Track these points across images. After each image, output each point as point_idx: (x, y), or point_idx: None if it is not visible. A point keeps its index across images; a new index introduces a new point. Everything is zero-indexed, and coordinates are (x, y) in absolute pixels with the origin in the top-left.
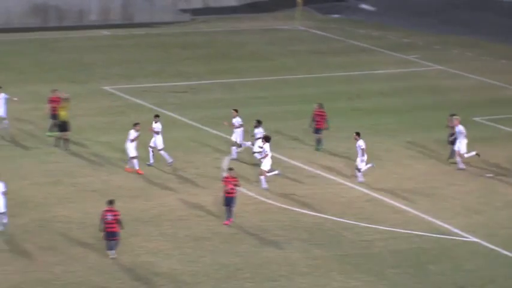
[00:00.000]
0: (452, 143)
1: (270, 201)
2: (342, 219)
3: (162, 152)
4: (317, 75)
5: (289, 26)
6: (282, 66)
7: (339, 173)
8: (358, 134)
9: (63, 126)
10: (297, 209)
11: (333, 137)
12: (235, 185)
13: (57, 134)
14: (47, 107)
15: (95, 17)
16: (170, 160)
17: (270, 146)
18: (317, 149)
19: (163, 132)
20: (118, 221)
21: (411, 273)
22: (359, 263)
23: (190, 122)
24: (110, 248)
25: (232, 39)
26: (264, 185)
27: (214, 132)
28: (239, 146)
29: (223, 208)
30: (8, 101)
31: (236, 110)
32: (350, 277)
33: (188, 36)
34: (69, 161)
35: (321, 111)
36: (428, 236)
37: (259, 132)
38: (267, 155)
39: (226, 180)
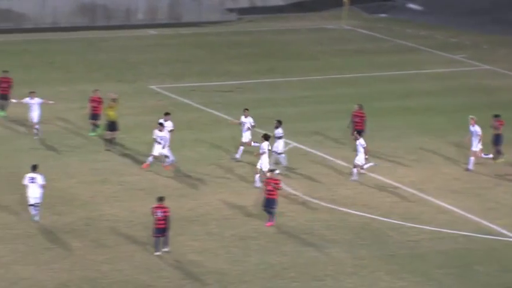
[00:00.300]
0: (496, 143)
1: (316, 201)
2: (388, 219)
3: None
4: (364, 74)
5: (335, 26)
6: (328, 66)
7: (384, 173)
8: (359, 133)
9: (111, 126)
10: (343, 209)
11: (379, 137)
12: (275, 187)
13: (102, 133)
14: (89, 107)
15: (142, 16)
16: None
17: (269, 144)
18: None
19: (208, 132)
20: (167, 218)
21: (457, 273)
22: (405, 263)
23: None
24: (158, 245)
25: (279, 38)
26: (258, 184)
27: (260, 131)
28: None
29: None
30: (42, 106)
31: (247, 109)
32: (396, 277)
33: (235, 35)
34: (117, 160)
35: (361, 113)
36: (475, 237)
37: (280, 132)
38: (264, 153)
39: (267, 181)
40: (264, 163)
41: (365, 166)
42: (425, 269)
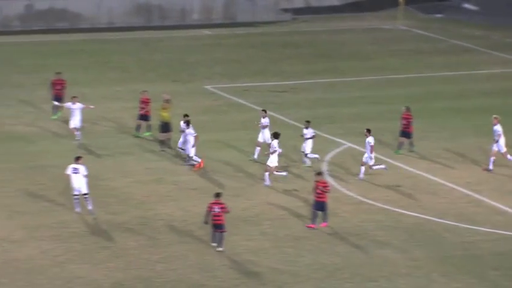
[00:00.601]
0: None
1: (370, 202)
2: (442, 220)
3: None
4: (419, 75)
5: (391, 26)
6: (383, 66)
7: (439, 174)
8: (368, 130)
9: (165, 127)
10: (397, 210)
11: (433, 138)
12: (324, 190)
13: (148, 135)
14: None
15: (197, 16)
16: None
17: (279, 143)
18: (412, 150)
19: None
20: (224, 213)
21: None
22: (460, 264)
23: (290, 121)
24: (216, 241)
25: (334, 38)
26: (268, 182)
27: (315, 131)
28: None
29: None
30: (83, 111)
31: (265, 111)
32: (451, 279)
33: (289, 35)
34: (171, 160)
35: (408, 115)
36: None
37: (309, 132)
38: (275, 151)
39: (316, 184)
40: (272, 161)
41: (374, 167)
42: (480, 271)
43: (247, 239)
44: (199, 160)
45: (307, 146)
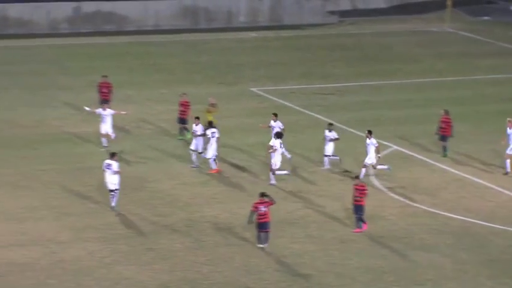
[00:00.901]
0: None
1: (416, 205)
2: (489, 224)
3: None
4: (465, 77)
5: (438, 28)
6: (430, 69)
7: (486, 177)
8: (370, 132)
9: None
10: (444, 213)
11: (480, 141)
12: (362, 194)
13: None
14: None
15: (244, 18)
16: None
17: (282, 143)
18: (444, 156)
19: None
20: (271, 205)
21: None
22: (507, 268)
23: (336, 123)
24: (261, 241)
25: (380, 41)
26: (273, 181)
27: (361, 134)
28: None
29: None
30: (115, 116)
31: (275, 114)
32: (498, 282)
33: (336, 38)
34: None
35: (447, 118)
36: None
37: (332, 135)
38: (275, 151)
39: (354, 188)
40: (276, 161)
41: (378, 166)
42: None
43: (293, 242)
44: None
45: (329, 148)
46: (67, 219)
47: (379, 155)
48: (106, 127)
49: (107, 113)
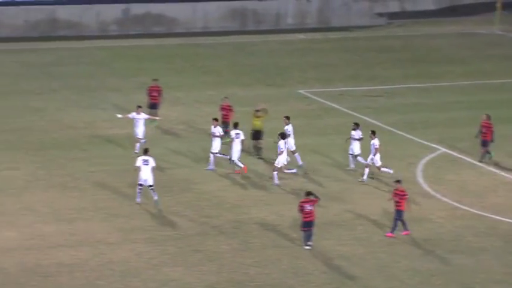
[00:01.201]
0: None
1: (464, 207)
2: None
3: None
4: None
5: (486, 31)
6: (479, 71)
7: None
8: (373, 132)
9: (256, 135)
10: (493, 216)
11: None
12: (401, 198)
13: (227, 141)
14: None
15: (292, 20)
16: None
17: (287, 143)
18: (483, 160)
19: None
20: (316, 203)
21: None
22: None
23: (384, 126)
24: (307, 239)
25: (429, 43)
26: (276, 181)
27: (409, 136)
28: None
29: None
30: (147, 121)
31: (288, 118)
32: None
33: (384, 40)
34: (264, 164)
35: (488, 123)
36: None
37: (357, 134)
38: (281, 152)
39: (394, 192)
40: (280, 161)
41: (382, 169)
42: None
43: (340, 244)
44: (242, 165)
45: (355, 147)
46: (115, 221)
47: (375, 156)
48: (139, 132)
49: (141, 117)
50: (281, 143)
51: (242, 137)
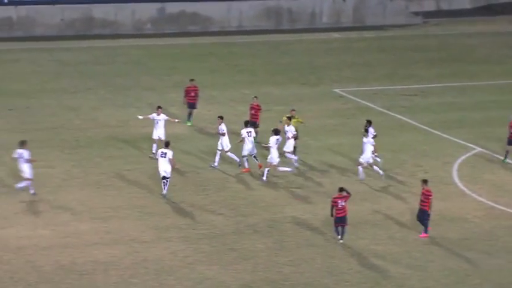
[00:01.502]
0: None
1: (501, 207)
2: None
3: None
4: None
5: None
6: None
7: None
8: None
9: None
10: None
11: None
12: (427, 198)
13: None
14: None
15: (327, 19)
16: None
17: (279, 140)
18: (504, 161)
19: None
20: (348, 198)
21: None
22: None
23: (419, 125)
24: (339, 234)
25: (464, 42)
26: (264, 178)
27: (445, 136)
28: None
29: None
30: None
31: (289, 118)
32: None
33: (419, 39)
34: (299, 163)
35: None
36: None
37: (370, 132)
38: (271, 147)
39: (421, 192)
40: (274, 157)
41: (375, 167)
42: None
43: (375, 243)
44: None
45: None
46: (150, 219)
47: (373, 155)
48: (158, 132)
49: (161, 117)
50: (272, 138)
51: (254, 134)
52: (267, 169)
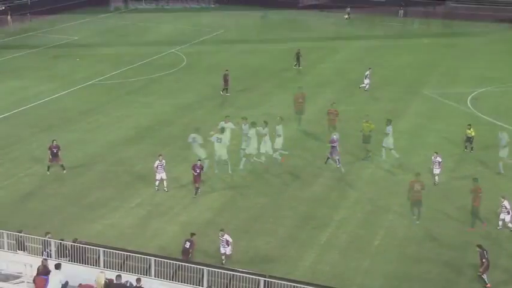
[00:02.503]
0: None
1: None
2: None
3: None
4: None
5: None
6: None
7: None
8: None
9: (366, 139)
10: None
11: None
12: (477, 195)
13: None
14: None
15: None
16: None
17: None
18: None
19: None
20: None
21: None
22: None
23: None
24: (415, 214)
25: None
26: (241, 166)
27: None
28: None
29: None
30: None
31: (282, 118)
32: None
33: None
34: (382, 167)
35: None
36: None
37: (388, 130)
38: (248, 138)
39: (472, 189)
40: (251, 147)
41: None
42: None
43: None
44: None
45: (389, 141)
46: None
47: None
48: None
49: (227, 126)
50: (251, 130)
51: (281, 132)
52: (244, 159)
